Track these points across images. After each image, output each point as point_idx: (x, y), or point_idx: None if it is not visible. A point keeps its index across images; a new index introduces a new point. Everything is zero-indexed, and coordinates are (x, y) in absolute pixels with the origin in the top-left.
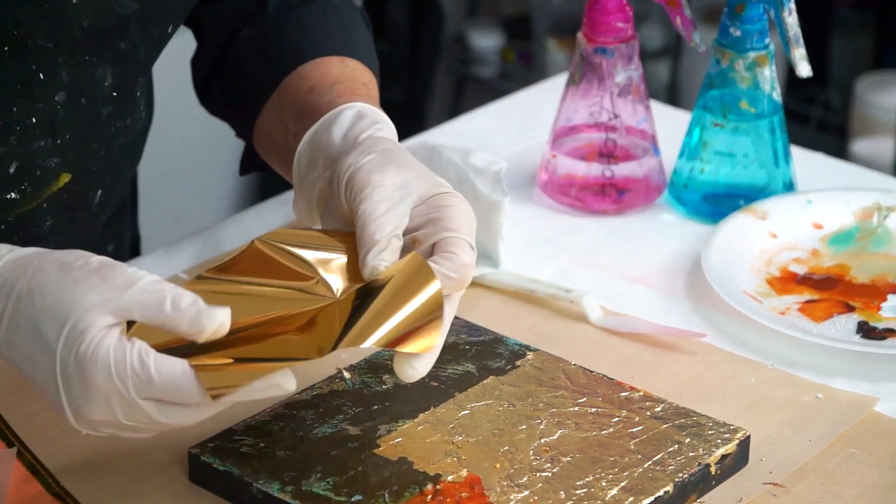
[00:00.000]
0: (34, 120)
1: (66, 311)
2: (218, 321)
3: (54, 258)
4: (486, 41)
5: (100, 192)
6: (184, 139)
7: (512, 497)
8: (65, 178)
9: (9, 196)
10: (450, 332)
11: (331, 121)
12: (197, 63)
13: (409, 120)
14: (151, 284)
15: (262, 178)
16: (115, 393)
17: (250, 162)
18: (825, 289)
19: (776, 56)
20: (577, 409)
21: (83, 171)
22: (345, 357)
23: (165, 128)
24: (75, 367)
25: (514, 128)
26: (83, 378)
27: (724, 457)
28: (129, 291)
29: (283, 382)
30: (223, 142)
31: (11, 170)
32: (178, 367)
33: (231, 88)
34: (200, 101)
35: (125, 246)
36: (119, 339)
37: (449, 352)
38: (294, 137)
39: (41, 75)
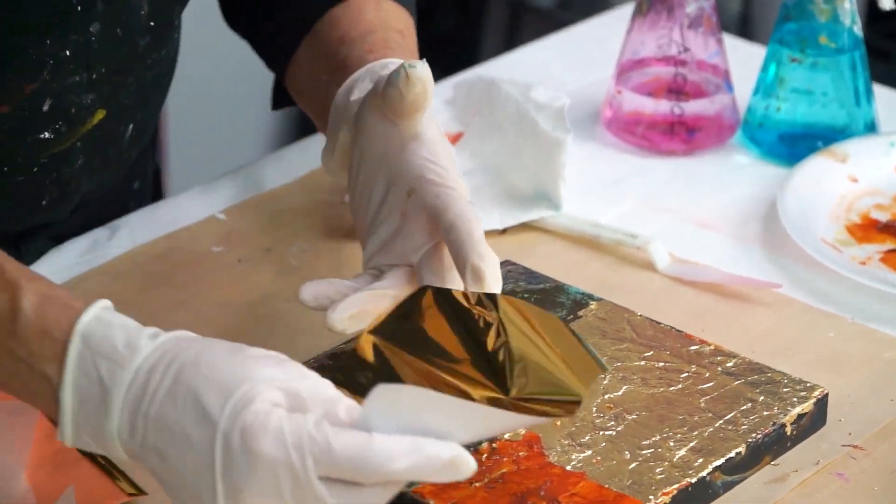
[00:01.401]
0: (68, 53)
1: (235, 383)
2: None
3: (223, 342)
4: None
5: (131, 127)
6: (215, 69)
7: (573, 457)
8: (100, 115)
9: (42, 136)
10: (507, 279)
11: (358, 82)
12: None
13: (462, 51)
14: (325, 382)
15: (302, 112)
16: (285, 467)
17: (283, 95)
18: None
19: None
20: (643, 363)
21: (117, 107)
22: None
23: (195, 57)
24: (241, 437)
25: (577, 61)
26: (250, 448)
27: (800, 416)
28: (306, 381)
29: (463, 467)
30: (258, 73)
31: (45, 107)
32: (361, 437)
33: (260, 26)
34: (225, 18)
35: (148, 182)
36: (291, 413)
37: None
38: (326, 91)
39: (78, 7)
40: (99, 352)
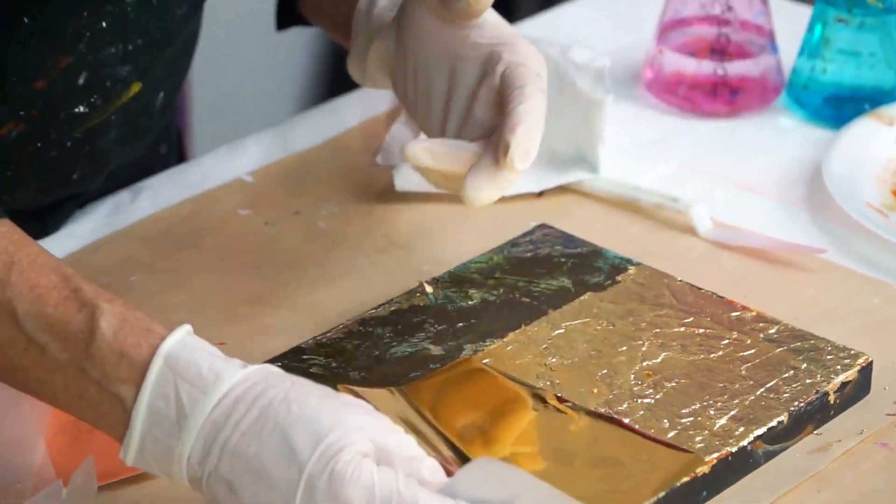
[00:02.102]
0: (104, 25)
1: (328, 427)
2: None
3: (313, 383)
4: None
5: (161, 94)
6: (242, 26)
7: None
8: (135, 88)
9: (77, 110)
10: (544, 243)
11: None
12: None
13: (497, 11)
14: (410, 439)
15: (333, 70)
16: None
17: (288, 14)
18: None
19: None
20: (682, 329)
21: (151, 78)
22: (426, 269)
23: (220, 15)
24: (328, 483)
25: (617, 21)
26: (337, 495)
27: (844, 384)
28: (396, 436)
29: None
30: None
31: (80, 81)
32: (449, 503)
33: None
34: None
35: (174, 143)
36: (381, 466)
37: (542, 265)
38: (347, 2)
39: None
40: (182, 375)
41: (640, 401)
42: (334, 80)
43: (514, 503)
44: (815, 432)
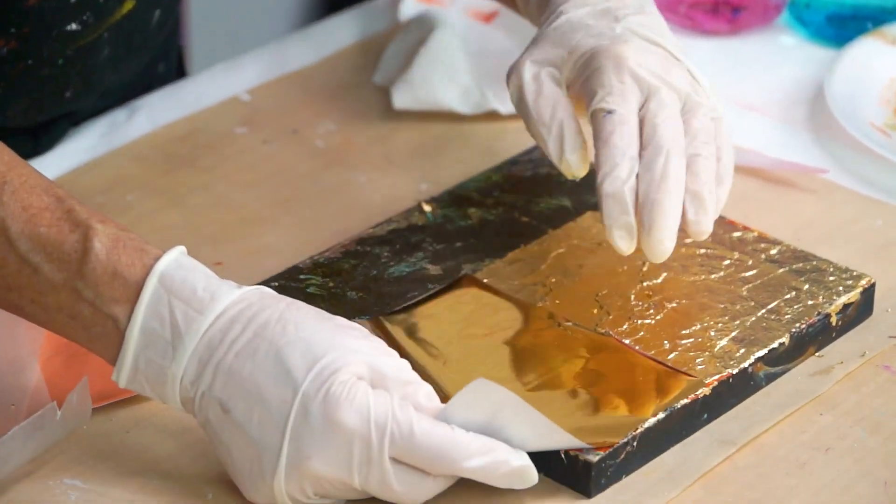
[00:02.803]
0: None
1: (324, 348)
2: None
3: (309, 306)
4: None
5: (158, 12)
6: None
7: None
8: (129, 5)
9: (69, 28)
10: (543, 162)
11: None
12: None
13: None
14: (405, 363)
15: None
16: (362, 441)
17: None
18: None
19: None
20: (683, 249)
21: None
22: (425, 188)
23: None
24: (323, 404)
25: None
26: (331, 417)
27: (846, 306)
28: (391, 359)
29: (528, 478)
30: None
31: None
32: (444, 428)
33: None
34: None
35: (172, 63)
36: (376, 390)
37: (542, 184)
38: None
39: None
40: (177, 295)
41: (640, 321)
42: None
43: (507, 430)
44: (816, 354)
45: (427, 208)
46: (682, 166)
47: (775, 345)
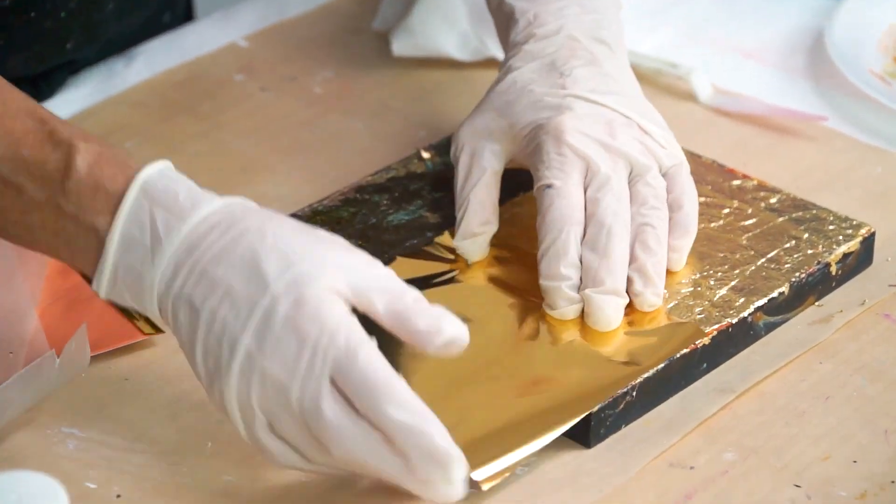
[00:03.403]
0: None
1: (301, 257)
2: (459, 329)
3: (291, 218)
4: None
5: None
6: None
7: None
8: None
9: None
10: None
11: None
12: None
13: None
14: (391, 273)
15: None
16: (312, 350)
17: None
18: None
19: None
20: None
21: None
22: (423, 135)
23: None
24: (289, 307)
25: None
26: (294, 320)
27: (846, 255)
28: (373, 270)
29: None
30: None
31: None
32: (389, 369)
33: None
34: None
35: (179, 12)
36: (349, 312)
37: None
38: None
39: None
40: (158, 202)
41: None
42: None
43: None
44: (816, 303)
45: (426, 156)
46: (625, 240)
47: (775, 294)
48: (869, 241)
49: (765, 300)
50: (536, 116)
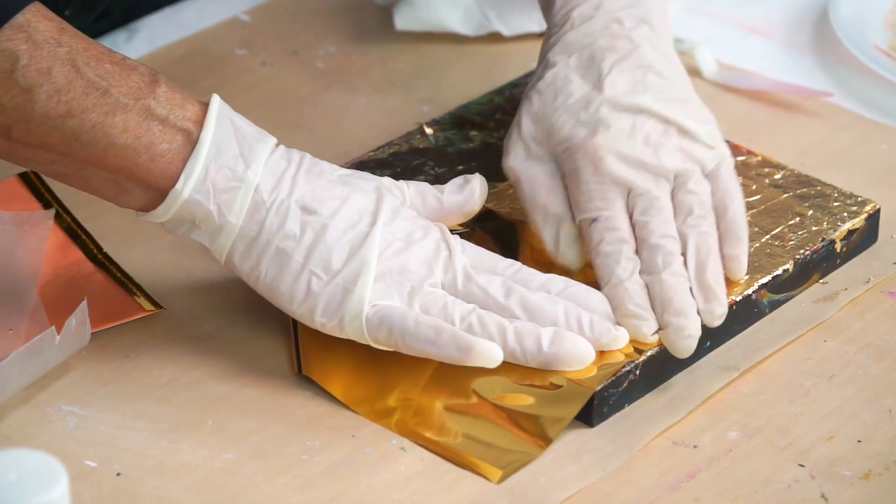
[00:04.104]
0: None
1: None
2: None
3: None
4: None
5: None
6: None
7: None
8: None
9: None
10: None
11: None
12: None
13: None
14: None
15: None
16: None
17: None
18: None
19: None
20: None
21: None
22: (426, 110)
23: None
24: (404, 217)
25: None
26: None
27: (850, 232)
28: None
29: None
30: None
31: None
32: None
33: None
34: None
35: None
36: None
37: None
38: None
39: None
40: (238, 119)
41: None
42: None
43: None
44: (820, 281)
45: (429, 131)
46: (680, 258)
47: (779, 271)
48: (874, 218)
49: (769, 277)
50: (573, 132)
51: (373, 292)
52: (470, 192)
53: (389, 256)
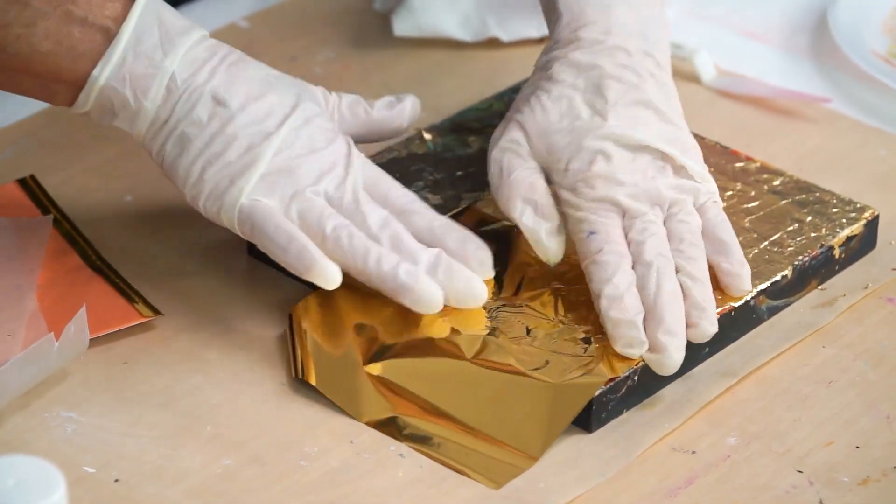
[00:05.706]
0: None
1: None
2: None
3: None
4: None
5: None
6: None
7: None
8: None
9: None
10: None
11: None
12: None
13: None
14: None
15: None
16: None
17: None
18: None
19: None
20: None
21: None
22: (425, 116)
23: None
24: (321, 119)
25: None
26: (324, 130)
27: (849, 238)
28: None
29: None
30: None
31: None
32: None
33: None
34: None
35: None
36: None
37: None
38: None
39: None
40: (166, 10)
41: None
42: None
43: None
44: (819, 287)
45: (427, 137)
46: (674, 277)
47: (778, 277)
48: (872, 224)
49: (767, 283)
50: (573, 156)
51: (255, 188)
52: (400, 109)
53: (284, 158)
